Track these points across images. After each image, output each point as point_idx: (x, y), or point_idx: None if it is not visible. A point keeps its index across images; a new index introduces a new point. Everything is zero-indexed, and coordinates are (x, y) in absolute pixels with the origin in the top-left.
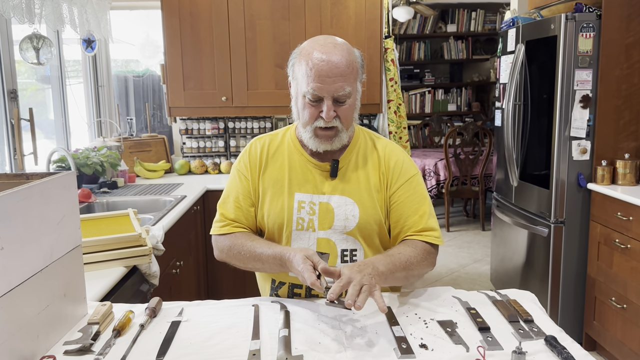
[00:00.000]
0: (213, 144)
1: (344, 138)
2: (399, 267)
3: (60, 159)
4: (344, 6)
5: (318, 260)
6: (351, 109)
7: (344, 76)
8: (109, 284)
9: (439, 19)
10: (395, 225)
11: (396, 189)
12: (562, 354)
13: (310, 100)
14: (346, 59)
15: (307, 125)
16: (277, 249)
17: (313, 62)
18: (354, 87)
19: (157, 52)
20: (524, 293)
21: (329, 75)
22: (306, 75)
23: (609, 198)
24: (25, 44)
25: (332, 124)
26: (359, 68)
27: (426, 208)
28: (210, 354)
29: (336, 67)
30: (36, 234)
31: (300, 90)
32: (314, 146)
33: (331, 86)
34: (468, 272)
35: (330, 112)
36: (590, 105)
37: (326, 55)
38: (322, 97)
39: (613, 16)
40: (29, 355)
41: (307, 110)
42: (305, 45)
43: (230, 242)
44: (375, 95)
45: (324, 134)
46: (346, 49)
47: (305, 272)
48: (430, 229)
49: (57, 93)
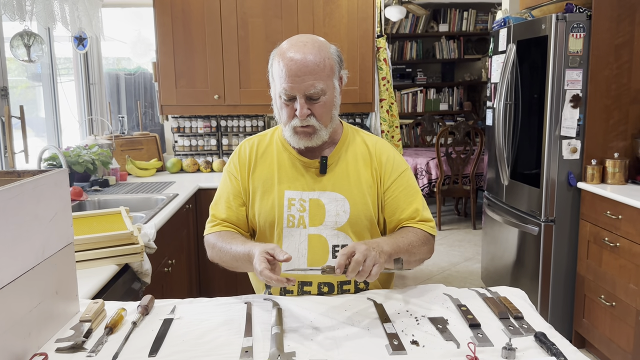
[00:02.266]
0: (205, 142)
1: (324, 135)
2: (402, 249)
3: (52, 157)
4: (337, 5)
5: (279, 252)
6: (326, 106)
7: (314, 74)
8: (100, 282)
9: (430, 18)
10: (391, 219)
11: (390, 184)
12: (552, 350)
13: (285, 100)
14: (316, 57)
15: (286, 124)
16: (247, 246)
17: (284, 62)
18: (328, 84)
19: (149, 49)
20: (514, 290)
21: (297, 74)
22: (279, 76)
23: (599, 197)
24: (16, 41)
25: (307, 122)
26: (334, 64)
27: (420, 200)
28: (202, 351)
29: (305, 66)
30: (28, 232)
31: (276, 90)
32: (294, 143)
33: (301, 85)
34: (459, 271)
35: (303, 110)
36: (580, 105)
37: (296, 54)
38: (295, 95)
39: (603, 17)
40: (20, 353)
41: (284, 109)
42: (281, 45)
43: (215, 241)
44: (368, 94)
45: (302, 131)
46: (317, 47)
47: (257, 263)
48: (427, 220)
49: (48, 91)
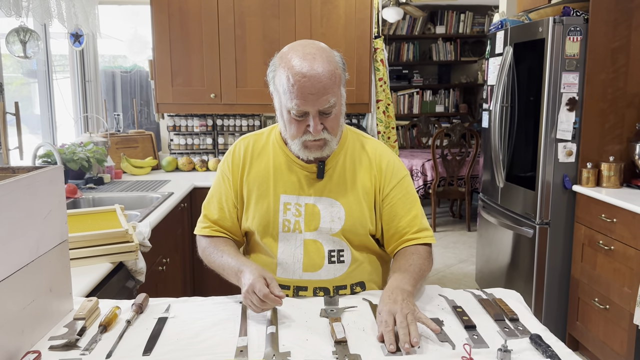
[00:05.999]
0: (201, 141)
1: (333, 145)
2: (417, 279)
3: (46, 154)
4: (334, 5)
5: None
6: (337, 117)
7: (327, 88)
8: (95, 279)
9: (428, 20)
10: (389, 226)
11: (389, 191)
12: (547, 352)
13: (296, 116)
14: (327, 70)
15: (294, 139)
16: (238, 261)
17: (295, 78)
18: (338, 96)
19: (145, 47)
20: (510, 292)
21: (311, 91)
22: (289, 92)
23: (594, 200)
24: (12, 37)
25: (320, 136)
26: (341, 73)
27: (418, 208)
28: (197, 350)
29: (319, 82)
30: (22, 228)
31: (284, 104)
32: (304, 156)
33: (315, 102)
34: (453, 272)
35: (317, 126)
36: (576, 108)
37: (307, 69)
38: (308, 111)
39: (600, 20)
40: (13, 350)
41: (294, 125)
42: (284, 55)
43: (206, 245)
44: (364, 95)
45: (313, 145)
46: (326, 58)
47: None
48: (425, 229)
49: (44, 87)
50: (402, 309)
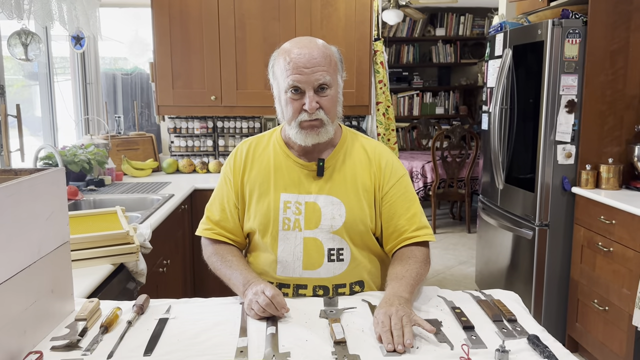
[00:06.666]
0: (201, 143)
1: (330, 131)
2: (415, 285)
3: (48, 156)
4: (334, 8)
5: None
6: (333, 100)
7: (322, 65)
8: (96, 281)
9: (427, 22)
10: (388, 224)
11: (389, 189)
12: (545, 352)
13: (292, 94)
14: (323, 51)
15: (292, 121)
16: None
17: (291, 56)
18: (334, 79)
19: (146, 50)
20: (508, 293)
21: (306, 65)
22: (285, 70)
23: (593, 202)
24: (14, 39)
25: (315, 116)
26: (337, 62)
27: (417, 206)
28: (197, 351)
29: (313, 58)
30: (24, 230)
31: (281, 87)
32: (301, 140)
33: (310, 76)
34: (453, 274)
35: (312, 102)
36: (575, 110)
37: (302, 49)
38: (303, 89)
39: (599, 23)
40: (16, 351)
41: (290, 105)
42: (282, 45)
43: (213, 250)
44: (364, 97)
45: (309, 125)
46: (322, 44)
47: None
48: (424, 227)
49: (45, 90)
50: (398, 311)
